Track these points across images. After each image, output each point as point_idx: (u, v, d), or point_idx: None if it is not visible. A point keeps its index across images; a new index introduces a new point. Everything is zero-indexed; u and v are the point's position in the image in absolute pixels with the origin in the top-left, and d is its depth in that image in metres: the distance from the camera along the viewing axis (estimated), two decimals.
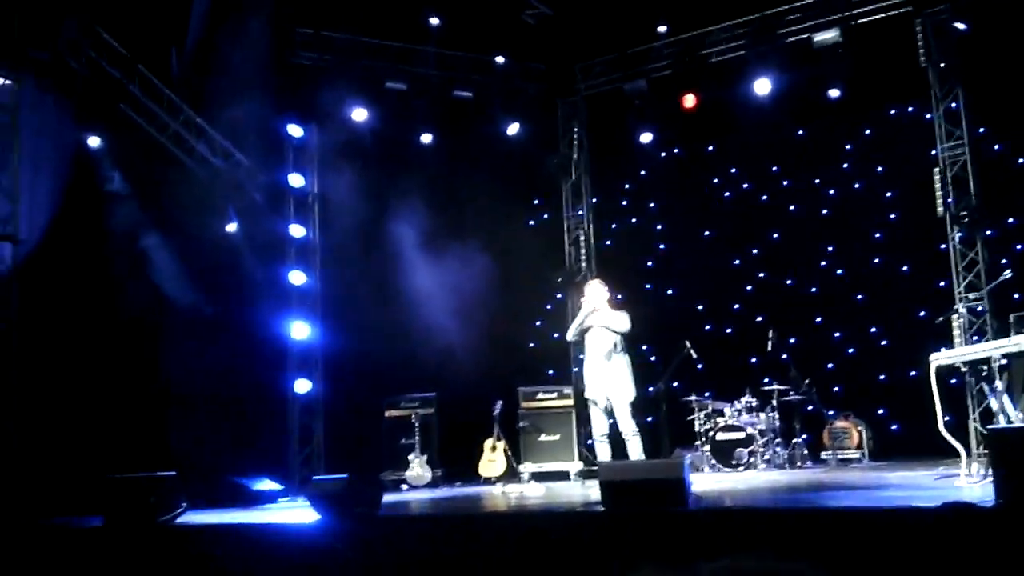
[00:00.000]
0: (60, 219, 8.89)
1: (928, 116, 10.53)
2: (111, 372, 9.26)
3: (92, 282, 9.24)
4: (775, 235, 12.50)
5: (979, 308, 9.70)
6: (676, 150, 13.11)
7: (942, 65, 10.14)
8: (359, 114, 11.43)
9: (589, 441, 8.98)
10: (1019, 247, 10.74)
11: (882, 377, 11.49)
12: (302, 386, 11.23)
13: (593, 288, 8.13)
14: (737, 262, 12.67)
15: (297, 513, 7.43)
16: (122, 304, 9.42)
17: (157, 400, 9.82)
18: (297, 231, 11.61)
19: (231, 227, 10.94)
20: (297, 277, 11.49)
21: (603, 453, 7.81)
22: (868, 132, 12.13)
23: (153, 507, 6.99)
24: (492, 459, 10.48)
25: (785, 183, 12.54)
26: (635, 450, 7.73)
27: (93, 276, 9.28)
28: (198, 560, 6.17)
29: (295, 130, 11.62)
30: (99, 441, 8.70)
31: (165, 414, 9.86)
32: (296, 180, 11.69)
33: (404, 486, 10.72)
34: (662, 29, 11.50)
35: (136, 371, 9.58)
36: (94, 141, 9.64)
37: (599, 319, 7.96)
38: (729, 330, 12.49)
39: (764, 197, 12.65)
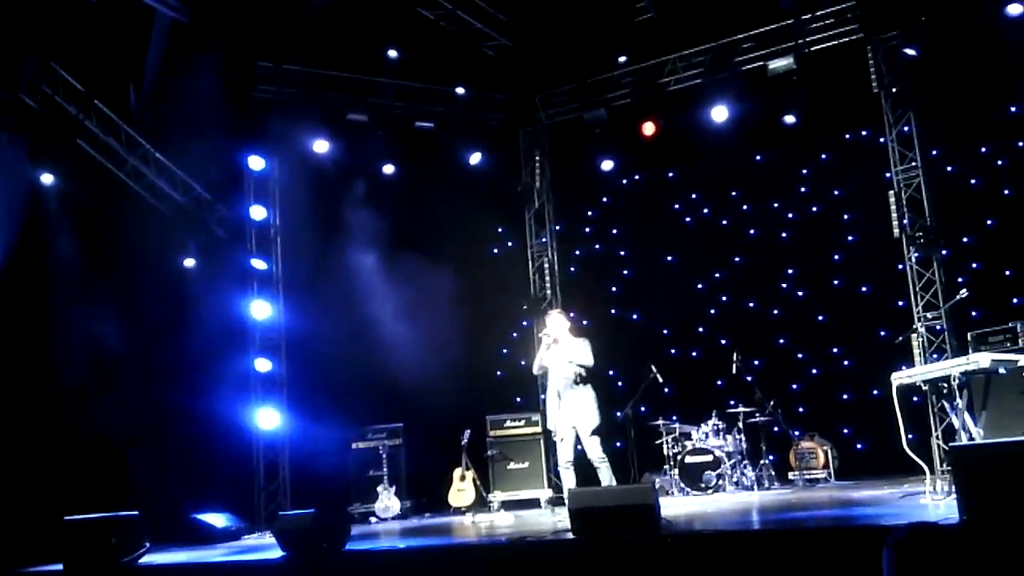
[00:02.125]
0: (12, 259, 8.75)
1: (882, 140, 10.73)
2: (67, 414, 9.09)
3: (46, 322, 9.08)
4: (737, 259, 12.64)
5: (938, 327, 9.85)
6: (637, 176, 13.23)
7: (894, 90, 10.36)
8: (320, 146, 11.40)
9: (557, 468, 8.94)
10: (975, 266, 10.95)
11: (846, 397, 11.61)
12: (267, 421, 11.07)
13: (553, 319, 8.08)
14: (700, 286, 12.78)
15: (262, 550, 7.30)
16: (77, 344, 9.27)
17: (117, 440, 9.65)
18: (259, 264, 11.50)
19: (189, 262, 10.83)
20: (260, 310, 11.36)
21: (568, 480, 7.74)
22: (824, 156, 12.34)
23: (115, 548, 6.84)
24: (461, 488, 10.39)
25: (745, 208, 12.70)
26: (606, 477, 7.70)
27: (47, 316, 9.13)
28: None
29: (256, 163, 11.53)
30: (57, 484, 8.52)
31: (126, 454, 9.69)
32: (258, 213, 11.60)
33: (373, 518, 10.59)
34: (622, 59, 11.64)
35: (95, 411, 9.40)
36: (47, 179, 9.50)
37: (562, 352, 7.91)
38: (694, 354, 12.55)
39: (725, 222, 12.79)
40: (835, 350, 11.86)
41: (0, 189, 8.86)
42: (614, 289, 13.23)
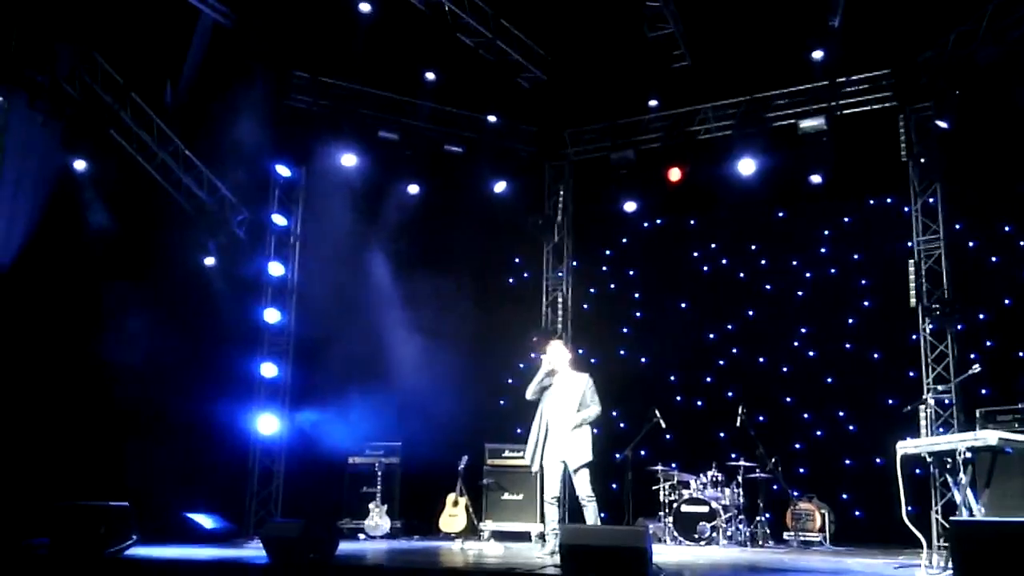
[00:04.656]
0: (36, 242, 8.82)
1: (906, 209, 10.75)
2: (73, 400, 9.11)
3: (60, 309, 9.13)
4: (750, 312, 12.61)
5: (947, 400, 9.79)
6: (659, 221, 13.26)
7: (923, 160, 10.39)
8: (349, 160, 11.50)
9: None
10: (988, 343, 10.89)
11: (848, 462, 11.51)
12: (267, 426, 11.07)
13: (555, 348, 7.92)
14: (712, 336, 12.76)
15: (250, 555, 7.27)
16: (86, 331, 9.31)
17: (117, 431, 9.65)
18: (276, 270, 11.58)
19: (209, 261, 10.91)
20: (271, 315, 11.42)
21: (551, 515, 7.57)
22: (847, 219, 12.35)
23: (102, 537, 6.82)
24: (453, 514, 10.34)
25: (763, 262, 12.71)
26: (591, 515, 7.48)
27: (62, 303, 9.18)
28: None
29: (283, 170, 11.65)
30: (55, 468, 8.52)
31: (124, 446, 9.69)
32: (280, 220, 11.70)
33: (362, 535, 10.53)
34: (653, 103, 11.72)
35: (98, 401, 9.42)
36: (80, 165, 9.59)
37: (566, 392, 7.70)
38: (699, 403, 12.50)
39: (742, 274, 12.79)
40: (841, 413, 11.78)
41: (31, 169, 8.95)
42: (625, 330, 13.21)
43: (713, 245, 13.03)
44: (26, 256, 8.75)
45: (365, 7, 10.28)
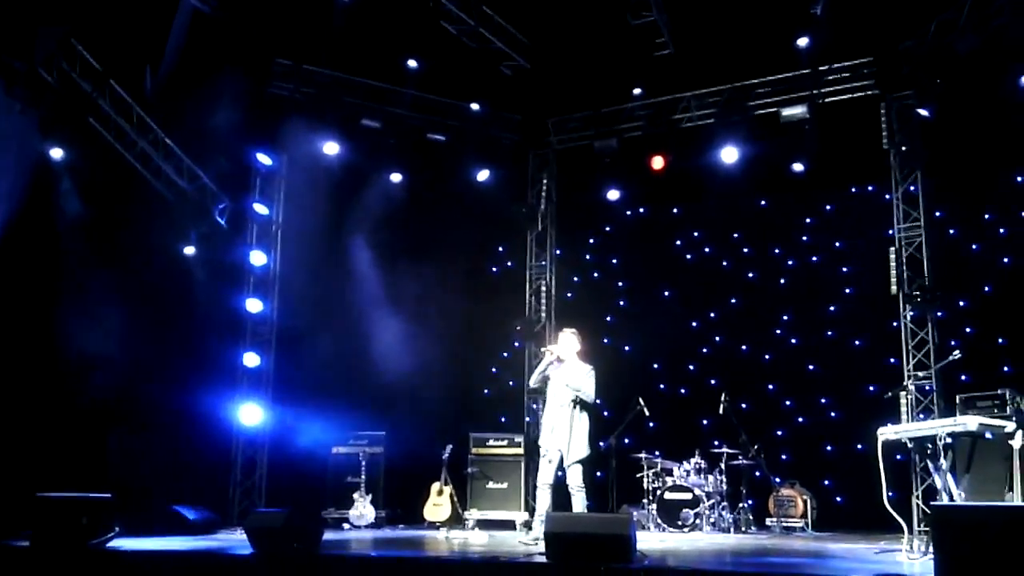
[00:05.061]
0: (14, 231, 8.72)
1: (887, 197, 10.80)
2: (52, 391, 9.02)
3: (38, 297, 9.03)
4: (733, 300, 12.66)
5: (927, 387, 9.86)
6: (642, 209, 13.27)
7: (904, 148, 10.43)
8: (331, 148, 11.42)
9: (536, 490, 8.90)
10: (968, 330, 10.98)
11: (829, 448, 11.60)
12: (249, 416, 11.02)
13: (566, 338, 8.09)
14: (695, 324, 12.80)
15: (234, 545, 7.24)
16: (66, 320, 9.21)
17: (97, 422, 9.57)
18: (258, 259, 11.50)
19: (189, 250, 10.82)
20: (254, 305, 11.35)
21: (543, 502, 7.73)
22: (828, 207, 12.41)
23: (84, 529, 6.77)
24: (438, 503, 10.34)
25: (745, 250, 12.75)
26: (579, 505, 7.68)
27: (40, 291, 9.08)
28: None
29: (264, 159, 11.57)
30: (34, 460, 8.45)
31: (105, 437, 9.61)
32: (261, 209, 11.62)
33: (346, 525, 10.52)
34: (637, 91, 11.71)
35: (77, 391, 9.33)
36: (57, 153, 9.47)
37: (566, 376, 7.89)
38: (683, 391, 12.55)
39: (725, 262, 12.83)
40: (823, 400, 11.87)
41: (8, 158, 8.84)
42: (609, 319, 13.23)
43: (696, 233, 13.06)
44: (3, 245, 8.64)
45: None
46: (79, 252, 9.53)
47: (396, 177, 12.00)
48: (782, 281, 12.47)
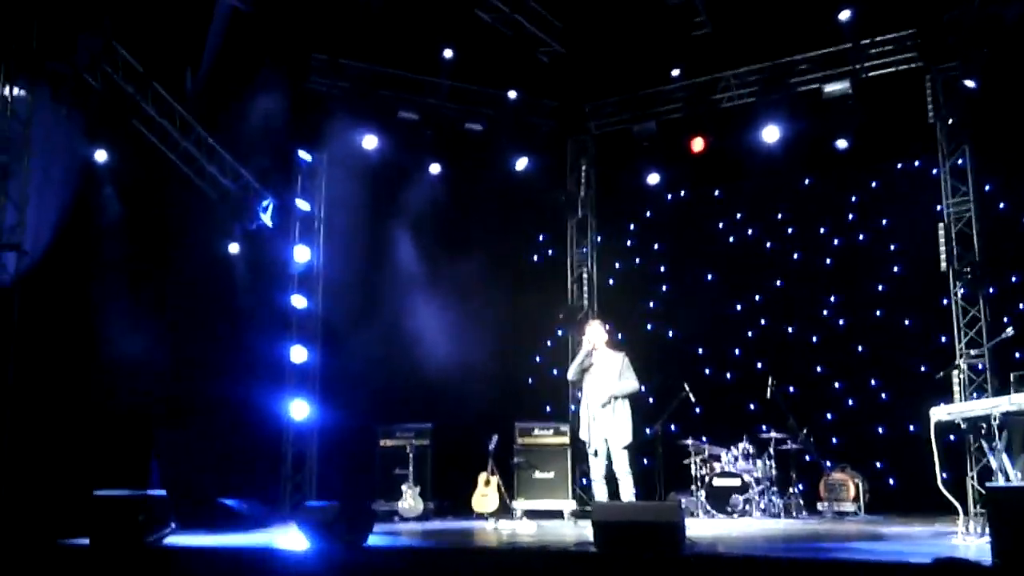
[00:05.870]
0: (64, 233, 8.88)
1: (935, 171, 10.57)
2: (104, 389, 9.20)
3: (86, 299, 9.20)
4: (778, 282, 12.49)
5: (979, 365, 9.66)
6: (683, 193, 13.12)
7: (950, 121, 10.19)
8: (369, 141, 11.48)
9: (585, 480, 8.92)
10: (1022, 306, 10.72)
11: (880, 430, 11.41)
12: (298, 411, 11.16)
13: (593, 328, 8.12)
14: (739, 307, 12.65)
15: (287, 538, 7.35)
16: (114, 322, 9.37)
17: (147, 420, 9.73)
18: (302, 254, 11.61)
19: (233, 247, 10.95)
20: (299, 301, 11.47)
21: (600, 494, 7.75)
22: (874, 184, 12.16)
23: (141, 526, 6.90)
24: (485, 494, 10.38)
25: (790, 231, 12.56)
26: (626, 491, 7.65)
27: (88, 293, 9.24)
28: None
29: (305, 155, 11.67)
30: (87, 460, 8.61)
31: (154, 435, 9.78)
32: (303, 204, 11.73)
33: (396, 517, 10.60)
34: (675, 73, 11.57)
35: (128, 390, 9.50)
36: (101, 156, 9.64)
37: (604, 376, 7.85)
38: (728, 375, 12.43)
39: (769, 244, 12.65)
40: (873, 382, 11.66)
41: (55, 162, 9.00)
42: (652, 304, 13.14)
43: (739, 215, 12.89)
44: (55, 248, 8.82)
45: None
46: (125, 253, 9.69)
47: (435, 168, 12.03)
48: (828, 261, 12.25)
